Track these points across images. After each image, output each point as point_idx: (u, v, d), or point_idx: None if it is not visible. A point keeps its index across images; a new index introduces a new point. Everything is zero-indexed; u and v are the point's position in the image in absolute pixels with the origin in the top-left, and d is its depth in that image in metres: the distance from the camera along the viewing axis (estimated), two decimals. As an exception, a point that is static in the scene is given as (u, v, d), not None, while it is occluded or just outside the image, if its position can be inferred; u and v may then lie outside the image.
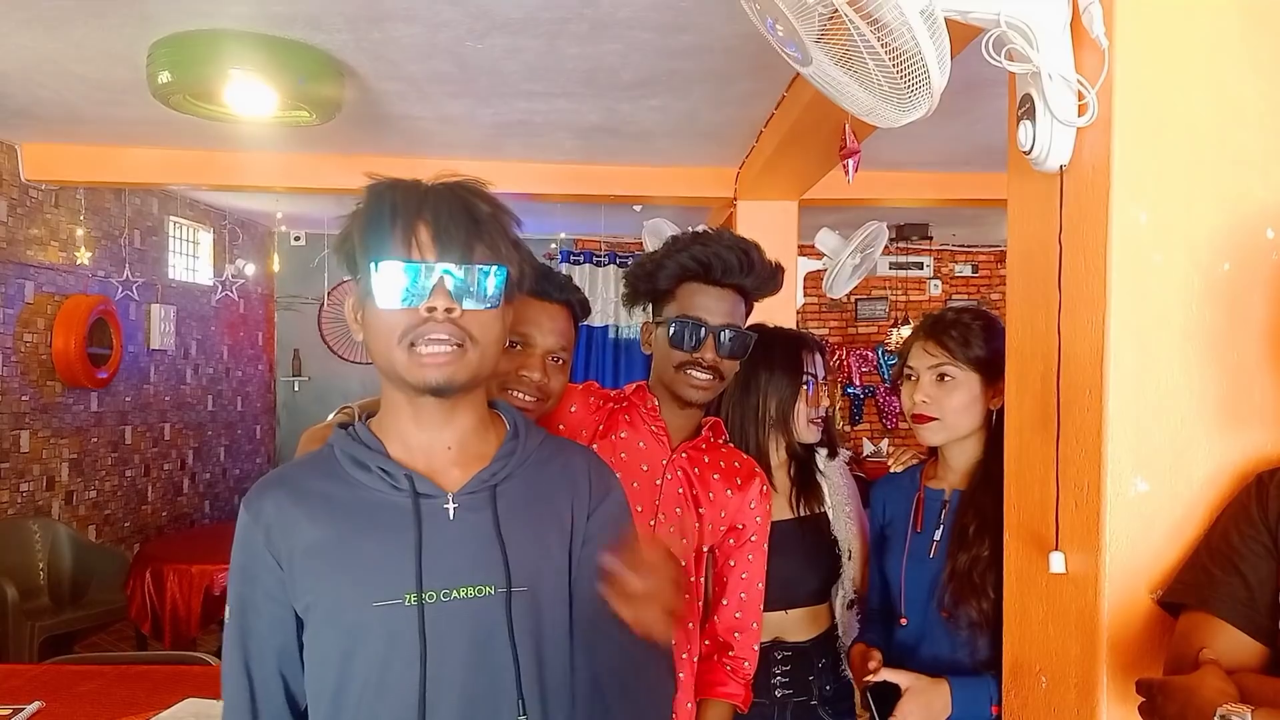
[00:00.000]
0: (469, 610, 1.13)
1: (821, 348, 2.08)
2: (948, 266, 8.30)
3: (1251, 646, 1.08)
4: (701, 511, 1.79)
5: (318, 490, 1.16)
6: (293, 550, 1.13)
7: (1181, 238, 1.25)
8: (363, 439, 1.18)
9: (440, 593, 1.12)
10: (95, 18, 2.91)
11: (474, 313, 1.11)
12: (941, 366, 1.74)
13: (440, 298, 1.08)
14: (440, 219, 1.10)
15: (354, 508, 1.14)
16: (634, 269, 1.83)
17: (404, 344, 1.10)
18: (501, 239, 1.14)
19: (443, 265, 1.09)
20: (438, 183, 1.15)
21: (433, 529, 1.13)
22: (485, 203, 1.15)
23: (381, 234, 1.10)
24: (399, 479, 1.14)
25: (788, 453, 2.05)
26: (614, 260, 7.14)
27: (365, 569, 1.12)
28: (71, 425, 5.17)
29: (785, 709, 1.93)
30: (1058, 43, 1.24)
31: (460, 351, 1.10)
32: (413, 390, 1.12)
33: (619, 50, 3.14)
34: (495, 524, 1.15)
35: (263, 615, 1.16)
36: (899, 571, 1.79)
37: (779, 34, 1.25)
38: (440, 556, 1.12)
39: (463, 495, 1.16)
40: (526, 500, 1.20)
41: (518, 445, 1.22)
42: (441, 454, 1.18)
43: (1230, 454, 1.26)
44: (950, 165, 4.72)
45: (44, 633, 4.18)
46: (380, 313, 1.11)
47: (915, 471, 1.88)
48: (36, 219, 4.86)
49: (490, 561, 1.14)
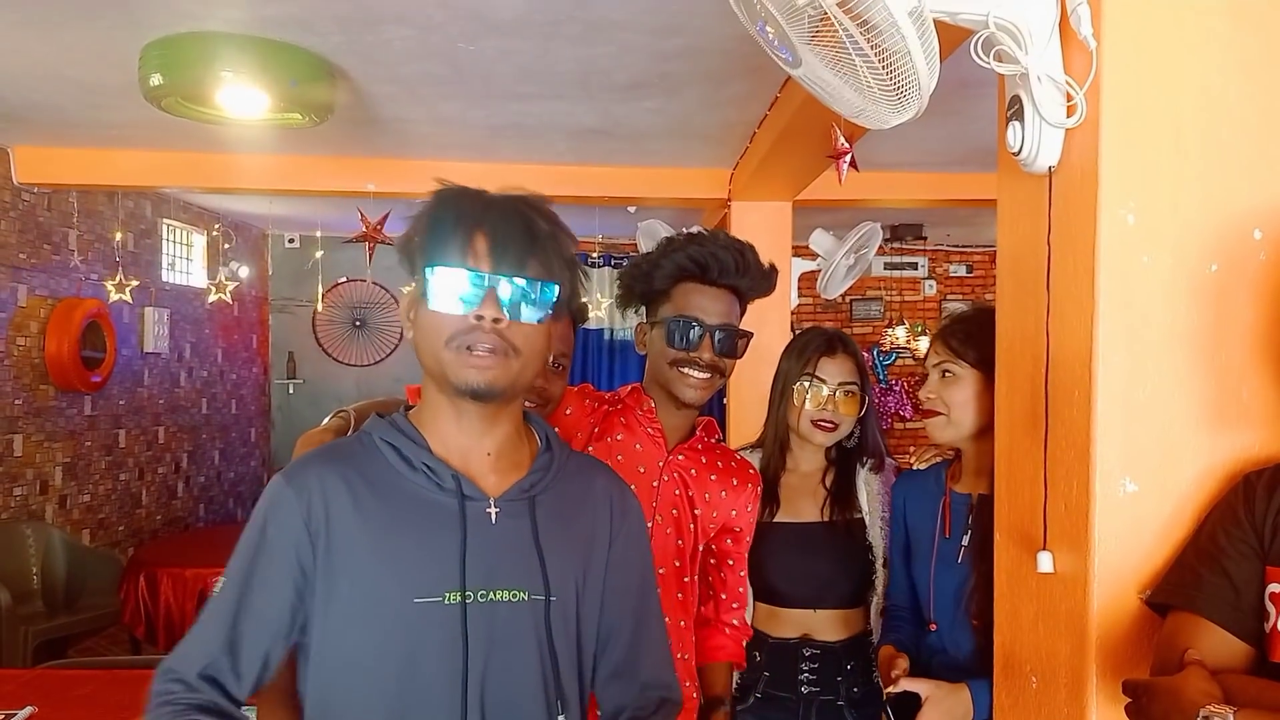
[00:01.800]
0: (503, 613, 1.15)
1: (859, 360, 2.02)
2: (942, 267, 8.31)
3: (1237, 647, 1.08)
4: (697, 512, 1.79)
5: (362, 477, 1.16)
6: (334, 533, 1.13)
7: (1169, 239, 1.25)
8: (406, 431, 1.19)
9: (478, 593, 1.14)
10: (86, 21, 2.91)
11: (520, 325, 1.14)
12: (944, 364, 1.77)
13: (490, 307, 1.12)
14: (499, 231, 1.13)
15: (397, 500, 1.16)
16: (629, 269, 1.83)
17: (451, 346, 1.13)
18: (556, 257, 1.17)
19: (496, 276, 1.12)
20: (502, 195, 1.18)
21: (476, 531, 1.15)
22: (545, 220, 1.18)
23: (441, 239, 1.14)
24: (445, 478, 1.17)
25: (826, 458, 2.05)
26: (609, 262, 7.14)
27: (408, 564, 1.13)
28: (65, 429, 5.15)
29: (811, 706, 1.93)
30: (1046, 44, 1.25)
31: (504, 360, 1.13)
32: (454, 392, 1.15)
33: (612, 52, 3.14)
34: (534, 533, 1.19)
35: (273, 594, 1.13)
36: (927, 577, 1.79)
37: (770, 36, 1.25)
38: (482, 558, 1.15)
39: (504, 501, 1.19)
40: (560, 513, 1.23)
41: (553, 459, 1.26)
42: (480, 459, 1.20)
43: (1218, 454, 1.27)
44: (944, 166, 4.72)
45: (37, 637, 4.17)
46: (431, 314, 1.14)
47: (940, 472, 1.87)
48: (29, 222, 4.85)
49: (528, 568, 1.17)
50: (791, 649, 1.95)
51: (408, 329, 1.21)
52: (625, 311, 1.91)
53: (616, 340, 7.08)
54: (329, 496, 1.14)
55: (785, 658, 1.95)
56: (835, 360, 1.98)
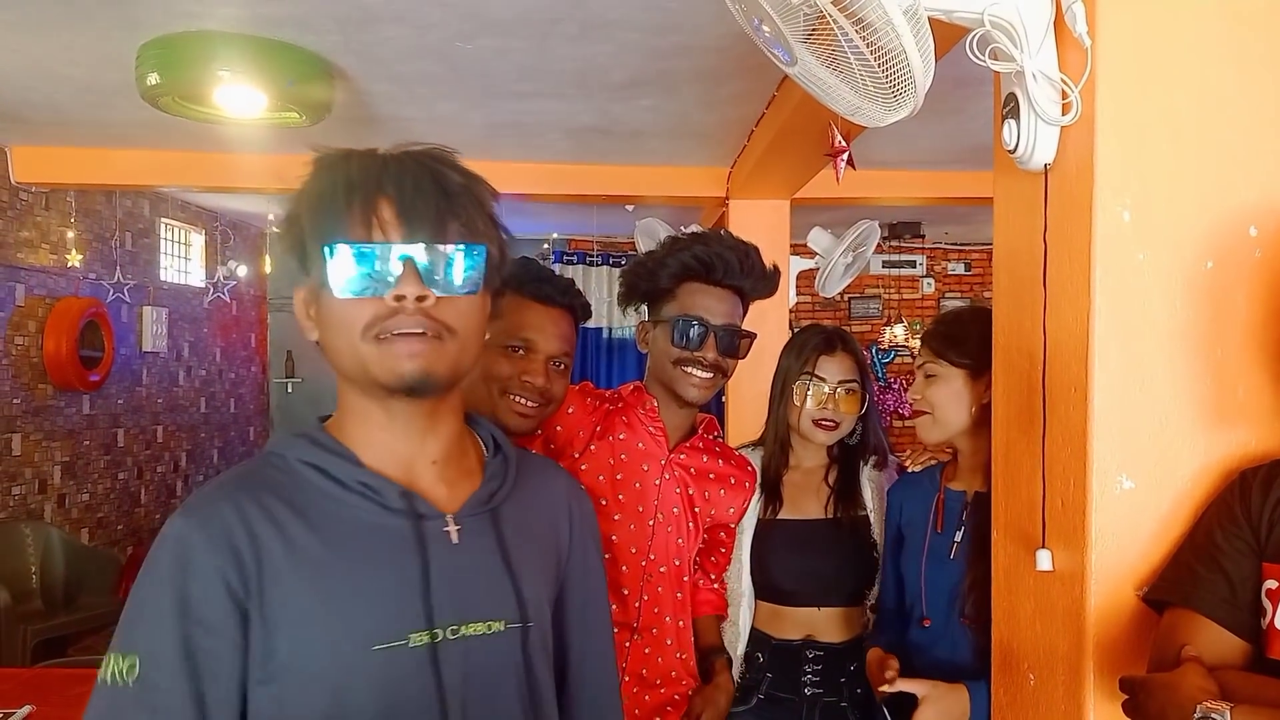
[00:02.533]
0: (478, 649, 0.98)
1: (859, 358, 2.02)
2: (940, 264, 8.31)
3: (1234, 643, 1.08)
4: (697, 511, 1.80)
5: (289, 506, 0.95)
6: (266, 581, 0.91)
7: (1165, 236, 1.26)
8: (331, 448, 1.00)
9: (448, 630, 0.96)
10: (84, 20, 2.91)
11: (450, 300, 0.95)
12: (926, 365, 1.79)
13: (410, 284, 0.92)
14: (405, 193, 0.95)
15: (335, 531, 0.95)
16: (633, 267, 1.84)
17: (369, 337, 0.94)
18: (478, 214, 0.99)
19: (411, 246, 0.93)
20: (399, 150, 1.00)
21: (438, 555, 0.97)
22: (457, 173, 1.00)
23: (335, 213, 0.94)
24: (390, 497, 0.97)
25: (828, 455, 2.04)
26: (607, 261, 7.14)
27: (360, 605, 0.93)
28: (63, 428, 5.15)
29: (815, 707, 1.93)
30: (1041, 41, 1.25)
31: (437, 343, 0.95)
32: (384, 391, 0.96)
33: (609, 51, 3.14)
34: (502, 551, 1.02)
35: (221, 664, 0.90)
36: (918, 572, 1.79)
37: (766, 35, 1.26)
38: (448, 587, 0.97)
39: (464, 517, 1.01)
40: (525, 524, 1.07)
41: (508, 463, 1.09)
42: (425, 469, 1.02)
43: (1214, 451, 1.27)
44: (942, 163, 4.73)
45: (36, 636, 4.17)
46: (338, 305, 0.94)
47: (935, 472, 1.88)
48: (27, 222, 4.84)
49: (500, 593, 1.00)
50: (795, 650, 1.95)
51: (310, 330, 1.01)
52: (627, 309, 1.91)
53: (615, 338, 7.09)
54: (254, 535, 0.92)
55: (789, 659, 1.95)
56: (835, 358, 1.98)
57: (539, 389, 1.59)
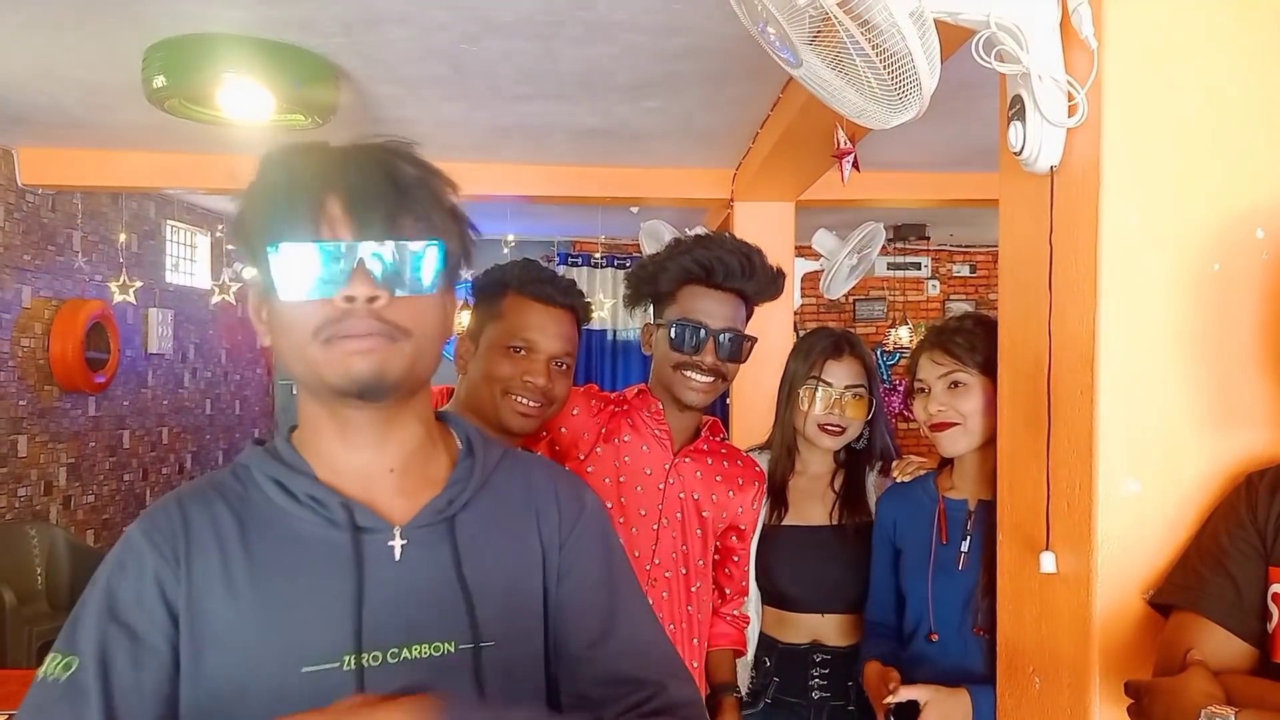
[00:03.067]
0: (421, 674, 0.90)
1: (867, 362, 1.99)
2: (946, 267, 8.30)
3: (1240, 647, 1.08)
4: (705, 515, 1.80)
5: (238, 519, 0.93)
6: (195, 591, 0.89)
7: (1171, 238, 1.25)
8: (285, 458, 0.95)
9: (387, 653, 0.90)
10: (90, 23, 2.91)
11: (405, 300, 0.89)
12: (953, 374, 1.71)
13: (361, 284, 0.86)
14: (356, 187, 0.88)
15: (279, 544, 0.92)
16: (636, 270, 1.84)
17: (319, 340, 0.88)
18: (435, 208, 0.92)
19: (362, 244, 0.87)
20: (350, 143, 0.93)
21: (375, 572, 0.91)
22: (411, 165, 0.92)
23: (283, 210, 0.88)
24: (334, 509, 0.92)
25: (835, 460, 2.03)
26: (612, 263, 7.14)
27: (294, 623, 0.89)
28: (69, 430, 5.16)
29: (822, 711, 1.93)
30: (1047, 44, 1.25)
31: (390, 344, 0.88)
32: (336, 396, 0.90)
33: (614, 53, 3.14)
34: (455, 564, 0.94)
35: (143, 669, 0.88)
36: (924, 586, 1.74)
37: (771, 37, 1.25)
38: (387, 607, 0.91)
39: (413, 530, 0.94)
40: (491, 532, 0.98)
41: (475, 465, 1.00)
42: (382, 479, 0.95)
43: (1220, 454, 1.26)
44: (947, 165, 4.72)
45: (41, 638, 4.17)
46: (286, 307, 0.88)
47: (927, 482, 1.83)
48: (33, 224, 4.86)
49: (450, 611, 0.92)
50: (802, 655, 1.94)
51: (262, 335, 0.95)
52: (632, 311, 1.91)
53: (619, 340, 7.09)
54: (195, 544, 0.91)
55: (796, 663, 1.94)
56: (842, 363, 1.95)
57: (541, 389, 1.59)
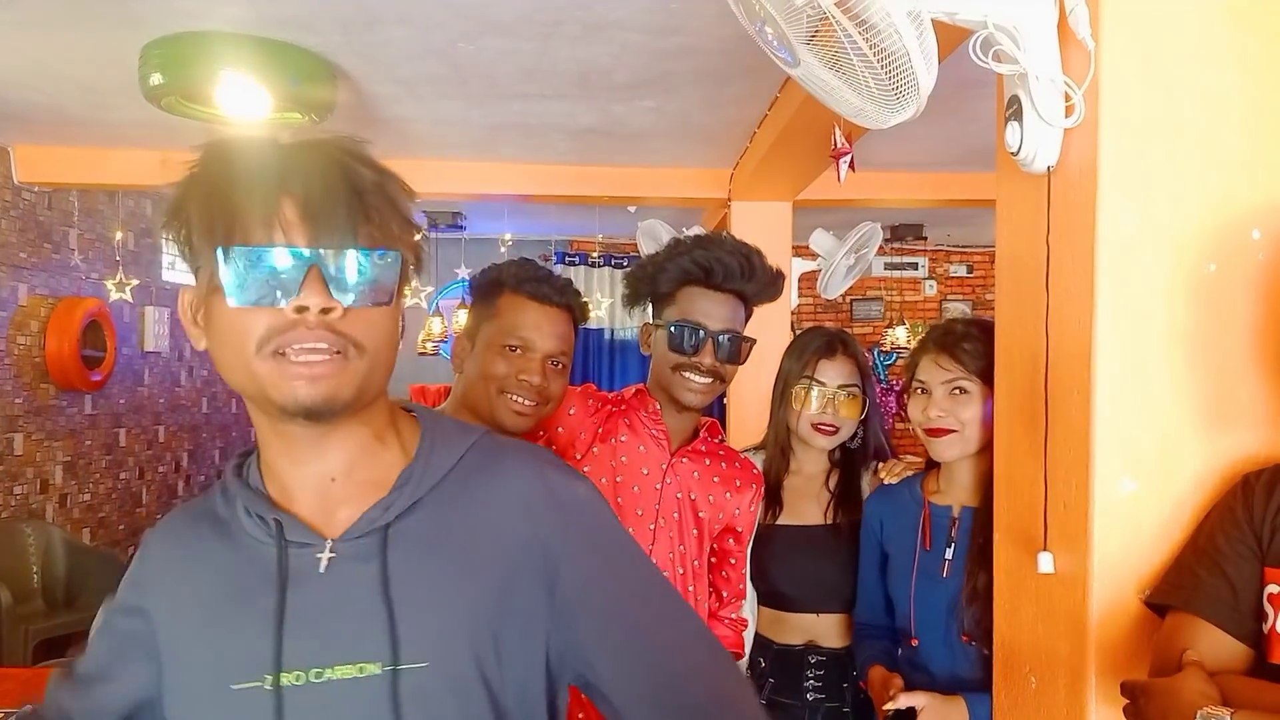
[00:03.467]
0: (343, 696, 0.85)
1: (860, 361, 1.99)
2: (942, 267, 8.31)
3: (1235, 648, 1.08)
4: (701, 515, 1.79)
5: (201, 534, 0.94)
6: (159, 608, 0.92)
7: (1168, 239, 1.25)
8: (246, 473, 0.94)
9: (310, 672, 0.85)
10: (87, 20, 2.91)
11: (359, 312, 0.83)
12: (957, 381, 1.69)
13: (314, 294, 0.81)
14: (312, 191, 0.82)
15: (228, 560, 0.91)
16: (635, 271, 1.84)
17: (265, 353, 0.82)
18: (393, 215, 0.87)
19: (317, 252, 0.81)
20: (305, 140, 0.87)
21: (299, 587, 0.87)
22: (369, 168, 0.86)
23: (231, 210, 0.82)
24: (269, 523, 0.90)
25: (829, 459, 2.03)
26: (609, 262, 7.14)
27: (227, 639, 0.88)
28: (65, 428, 5.16)
29: (817, 712, 1.93)
30: (1044, 44, 1.25)
31: (343, 363, 0.83)
32: (280, 414, 0.84)
33: (612, 52, 3.14)
34: (382, 579, 0.87)
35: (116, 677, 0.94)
36: (907, 592, 1.74)
37: (769, 36, 1.26)
38: (309, 624, 0.87)
39: (344, 542, 0.89)
40: (434, 540, 0.90)
41: (427, 465, 0.93)
42: (327, 490, 0.90)
43: (1217, 454, 1.27)
44: (944, 165, 4.72)
45: (37, 636, 4.17)
46: (230, 314, 0.82)
47: (914, 485, 1.83)
48: (29, 221, 4.85)
49: (371, 631, 0.86)
50: (797, 656, 1.94)
51: (197, 338, 0.89)
52: (631, 311, 1.91)
53: (617, 340, 7.09)
54: (166, 559, 0.94)
55: (791, 664, 1.94)
56: (835, 362, 1.96)
57: (536, 388, 1.59)
